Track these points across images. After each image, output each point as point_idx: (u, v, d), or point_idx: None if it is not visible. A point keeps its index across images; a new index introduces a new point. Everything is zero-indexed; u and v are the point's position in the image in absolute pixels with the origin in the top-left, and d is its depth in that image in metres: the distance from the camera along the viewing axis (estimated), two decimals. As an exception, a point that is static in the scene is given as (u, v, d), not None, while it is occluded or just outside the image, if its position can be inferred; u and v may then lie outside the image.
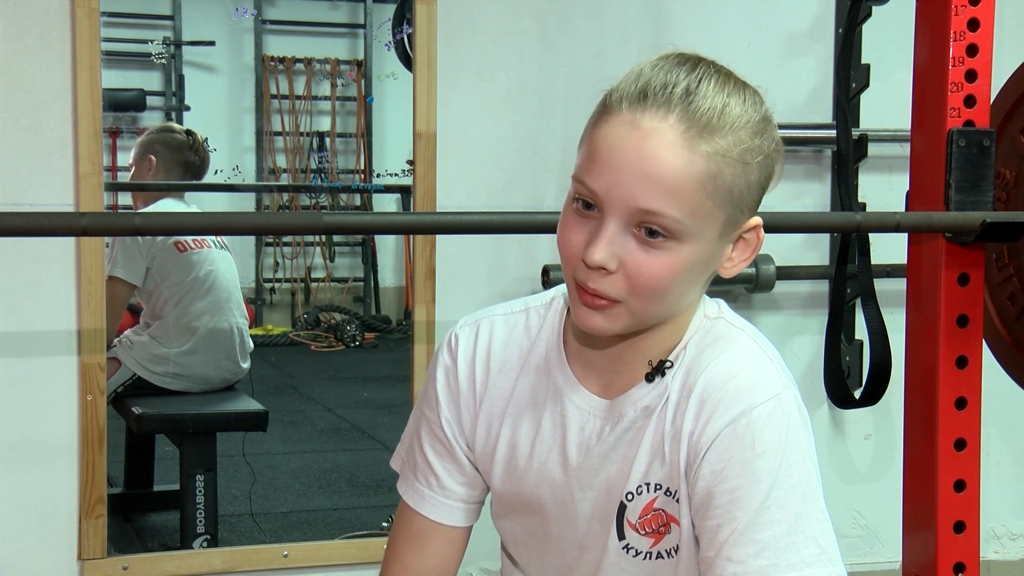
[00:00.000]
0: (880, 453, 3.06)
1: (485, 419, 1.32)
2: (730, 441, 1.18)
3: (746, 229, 1.22)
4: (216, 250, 3.53)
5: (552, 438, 1.29)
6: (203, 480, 3.08)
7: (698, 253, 1.17)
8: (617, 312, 1.18)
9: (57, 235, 2.35)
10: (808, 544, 1.17)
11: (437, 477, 1.35)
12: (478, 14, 2.72)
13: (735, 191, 1.17)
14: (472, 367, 1.33)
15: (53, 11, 2.44)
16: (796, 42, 2.91)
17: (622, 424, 1.26)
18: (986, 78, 2.07)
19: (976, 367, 2.12)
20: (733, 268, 1.23)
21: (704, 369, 1.22)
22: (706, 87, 1.16)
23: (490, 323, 1.35)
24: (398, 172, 6.74)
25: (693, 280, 1.20)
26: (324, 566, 2.71)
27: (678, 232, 1.15)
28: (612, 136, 1.16)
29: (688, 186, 1.13)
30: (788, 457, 1.18)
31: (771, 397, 1.20)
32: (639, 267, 1.15)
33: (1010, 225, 2.04)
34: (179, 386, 3.39)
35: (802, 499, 1.18)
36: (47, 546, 2.53)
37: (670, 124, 1.14)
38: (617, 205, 1.15)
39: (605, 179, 1.15)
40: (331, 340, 6.76)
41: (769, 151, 1.20)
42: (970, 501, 2.12)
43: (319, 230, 2.12)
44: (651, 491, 1.25)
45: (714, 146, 1.14)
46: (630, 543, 1.27)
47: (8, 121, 2.45)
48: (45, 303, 2.50)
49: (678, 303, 1.22)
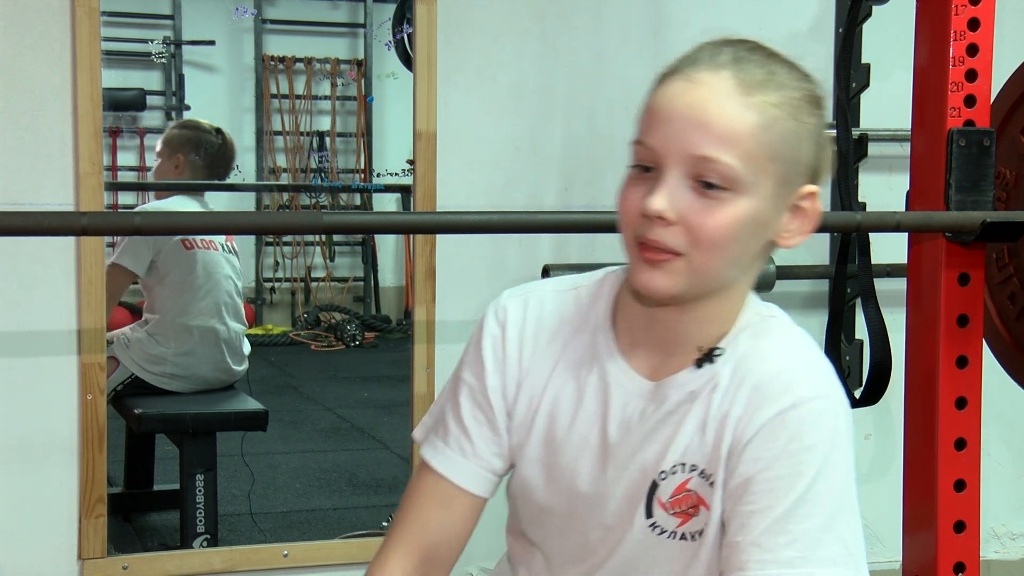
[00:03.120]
0: (880, 453, 3.06)
1: (528, 390, 1.33)
2: (779, 430, 1.20)
3: (802, 195, 1.23)
4: (223, 253, 3.52)
5: (594, 413, 1.30)
6: (203, 480, 3.08)
7: (754, 208, 1.19)
8: (677, 267, 1.19)
9: (57, 235, 2.35)
10: (837, 544, 1.19)
11: (472, 443, 1.35)
12: (478, 14, 2.72)
13: (788, 147, 1.19)
14: (520, 338, 1.34)
15: (53, 11, 2.44)
16: (796, 42, 2.90)
17: (665, 406, 1.27)
18: (986, 78, 2.07)
19: (976, 367, 2.12)
20: (791, 239, 1.25)
21: (758, 359, 1.24)
22: (754, 56, 1.22)
23: (540, 297, 1.36)
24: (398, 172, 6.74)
25: (751, 240, 1.21)
26: (324, 566, 2.72)
27: (734, 181, 1.17)
28: (666, 94, 1.20)
29: (742, 132, 1.17)
30: (832, 456, 1.20)
31: (823, 395, 1.22)
32: (699, 218, 1.17)
33: (1010, 225, 2.04)
34: (176, 386, 3.39)
35: (839, 499, 1.20)
36: (47, 546, 2.53)
37: (723, 77, 1.18)
38: (674, 156, 1.17)
39: (661, 132, 1.18)
40: (331, 340, 6.76)
41: (821, 126, 1.24)
42: (970, 501, 2.12)
43: (319, 230, 2.12)
44: (686, 471, 1.25)
45: (766, 97, 1.18)
46: (657, 521, 1.27)
47: (8, 121, 2.45)
48: (45, 303, 2.50)
49: (734, 266, 1.22)
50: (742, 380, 1.23)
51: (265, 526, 3.54)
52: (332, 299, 7.23)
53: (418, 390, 2.71)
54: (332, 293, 7.28)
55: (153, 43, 6.96)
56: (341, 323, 6.79)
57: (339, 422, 5.03)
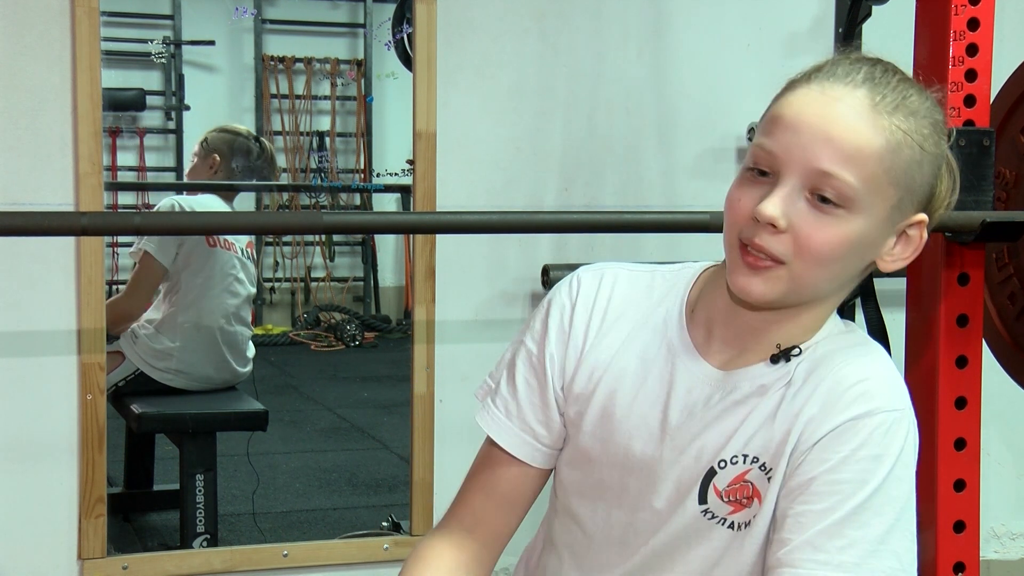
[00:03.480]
0: (880, 453, 3.06)
1: (590, 364, 1.33)
2: (850, 435, 1.20)
3: (911, 223, 1.23)
4: (241, 258, 3.55)
5: (656, 395, 1.30)
6: (203, 480, 3.08)
7: (865, 230, 1.19)
8: (777, 275, 1.19)
9: (57, 235, 2.35)
10: (891, 557, 1.19)
11: (520, 407, 1.36)
12: (478, 13, 2.72)
13: (909, 174, 1.19)
14: (589, 312, 1.34)
15: (53, 11, 2.44)
16: (796, 42, 2.91)
17: (733, 395, 1.27)
18: (986, 78, 2.07)
19: (976, 367, 2.12)
20: (893, 263, 1.25)
21: (837, 365, 1.24)
22: (890, 78, 1.21)
23: (614, 275, 1.36)
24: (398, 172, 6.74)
25: (855, 259, 1.21)
26: (324, 566, 2.71)
27: (850, 201, 1.16)
28: (798, 102, 1.19)
29: (868, 154, 1.16)
30: (898, 470, 1.20)
31: (897, 409, 1.22)
32: (810, 230, 1.17)
33: (1010, 225, 2.04)
34: (180, 383, 3.39)
35: (899, 513, 1.20)
36: (47, 546, 2.53)
37: (858, 96, 1.18)
38: (795, 166, 1.17)
39: (785, 139, 1.18)
40: (331, 340, 6.76)
41: (945, 153, 1.24)
42: (970, 501, 2.12)
43: (319, 230, 2.12)
44: (746, 463, 1.25)
45: (898, 122, 1.18)
46: (710, 507, 1.27)
47: (8, 121, 2.45)
48: (45, 303, 2.50)
49: (834, 281, 1.23)
50: (819, 381, 1.23)
51: (265, 526, 3.54)
52: (332, 299, 7.24)
53: (418, 390, 2.71)
54: (332, 293, 7.29)
55: (153, 43, 6.96)
56: (341, 323, 6.79)
57: (339, 422, 5.03)
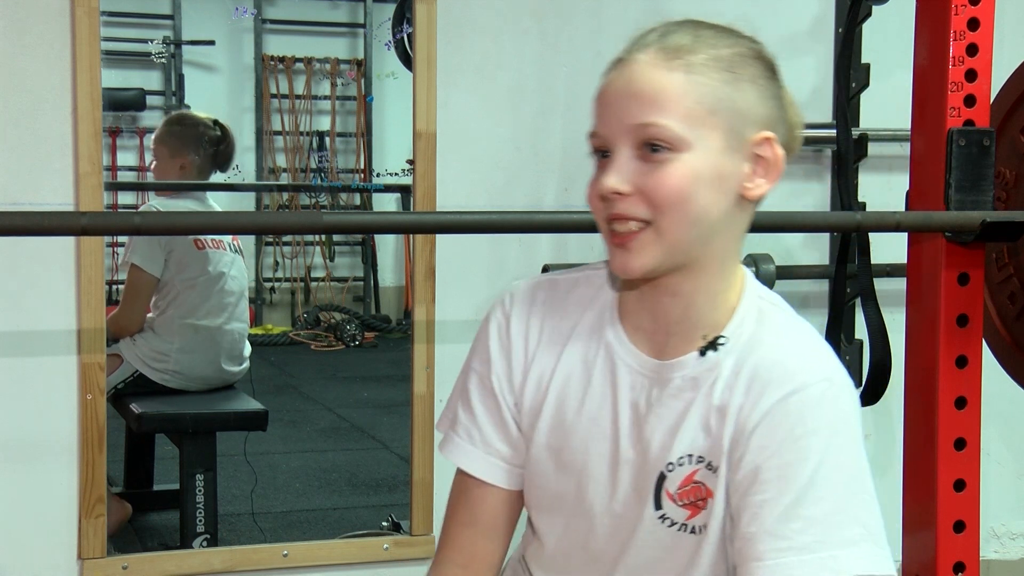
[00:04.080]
0: (880, 453, 3.06)
1: (536, 375, 1.34)
2: (781, 418, 1.20)
3: (756, 142, 1.24)
4: (231, 253, 3.54)
5: (603, 394, 1.31)
6: (203, 480, 3.08)
7: (705, 162, 1.20)
8: (646, 239, 1.21)
9: (57, 235, 2.35)
10: (853, 524, 1.19)
11: (480, 430, 1.37)
12: (478, 13, 2.72)
13: (726, 97, 1.21)
14: (526, 324, 1.36)
15: (53, 11, 2.44)
16: (796, 42, 2.91)
17: (668, 390, 1.27)
18: (986, 78, 2.07)
19: (976, 367, 2.12)
20: (757, 189, 1.25)
21: (758, 348, 1.25)
22: (680, 29, 1.25)
23: (546, 283, 1.38)
24: (398, 172, 6.74)
25: (713, 195, 1.22)
26: (324, 566, 2.71)
27: (676, 140, 1.20)
28: (605, 83, 1.26)
29: (672, 93, 1.20)
30: (837, 438, 1.20)
31: (824, 379, 1.23)
32: (653, 181, 1.20)
33: (1010, 225, 2.04)
34: (178, 384, 3.39)
35: (850, 480, 1.20)
36: (47, 546, 2.53)
37: (650, 51, 1.23)
38: (617, 134, 1.22)
39: (605, 116, 1.24)
40: (331, 340, 6.76)
41: (767, 77, 1.26)
42: (970, 501, 2.12)
43: (319, 230, 2.12)
44: (693, 463, 1.26)
45: (693, 58, 1.22)
46: (667, 513, 1.28)
47: (8, 121, 2.45)
48: (45, 303, 2.50)
49: (703, 225, 1.22)
50: (741, 369, 1.24)
51: (265, 526, 3.54)
52: (332, 299, 7.24)
53: (418, 390, 2.71)
54: (332, 293, 7.29)
55: (153, 43, 6.96)
56: (341, 323, 6.79)
57: (339, 422, 5.03)
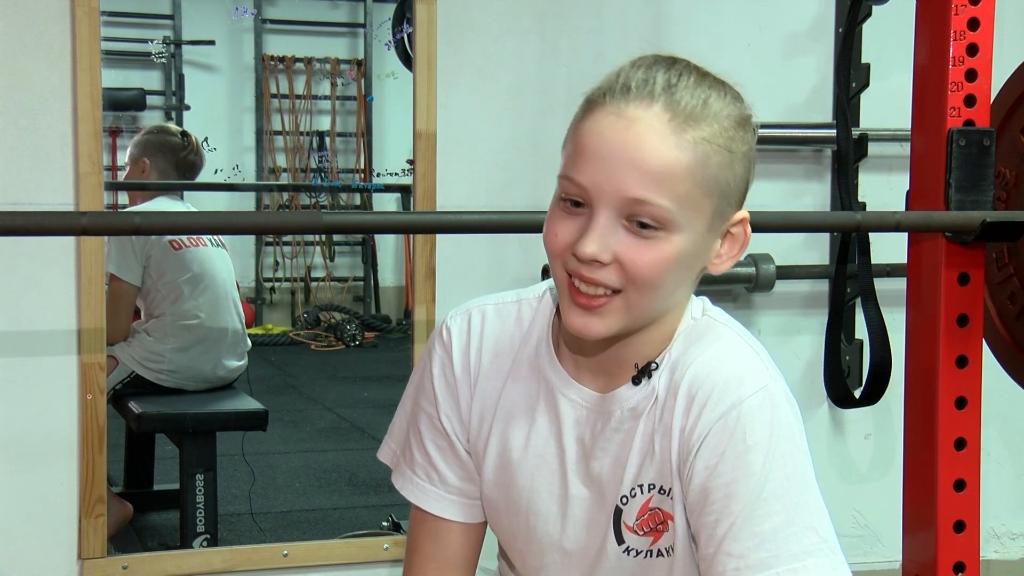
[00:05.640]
0: (880, 453, 3.06)
1: (478, 410, 1.31)
2: (721, 435, 1.18)
3: (733, 223, 1.22)
4: (212, 248, 3.52)
5: (548, 431, 1.28)
6: (203, 480, 3.08)
7: (689, 245, 1.17)
8: (613, 307, 1.17)
9: (57, 235, 2.35)
10: (807, 533, 1.17)
11: (438, 472, 1.34)
12: (478, 13, 2.72)
13: (722, 180, 1.17)
14: (466, 357, 1.32)
15: (53, 11, 2.44)
16: (796, 42, 2.91)
17: (611, 423, 1.25)
18: (986, 78, 2.07)
19: (976, 367, 2.12)
20: (722, 264, 1.23)
21: (690, 365, 1.22)
22: (686, 81, 1.17)
23: (481, 313, 1.33)
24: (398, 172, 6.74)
25: (685, 274, 1.20)
26: (324, 566, 2.71)
27: (668, 222, 1.14)
28: (597, 128, 1.17)
29: (677, 173, 1.14)
30: (779, 447, 1.18)
31: (759, 389, 1.20)
32: (633, 258, 1.15)
33: (1010, 225, 2.04)
34: (174, 383, 3.38)
35: (798, 489, 1.18)
36: (47, 546, 2.53)
37: (655, 112, 1.14)
38: (606, 197, 1.14)
39: (593, 171, 1.15)
40: (331, 339, 6.76)
41: (752, 146, 1.21)
42: (970, 501, 2.12)
43: (319, 230, 2.12)
44: (645, 492, 1.24)
45: (700, 133, 1.15)
46: (630, 545, 1.26)
47: (8, 121, 2.45)
48: (45, 303, 2.50)
49: (670, 298, 1.21)
50: (676, 390, 1.22)
51: (265, 526, 3.54)
52: (332, 299, 7.24)
53: (418, 390, 2.70)
54: (332, 293, 7.29)
55: (153, 43, 6.96)
56: (341, 323, 6.79)
57: (339, 422, 5.03)
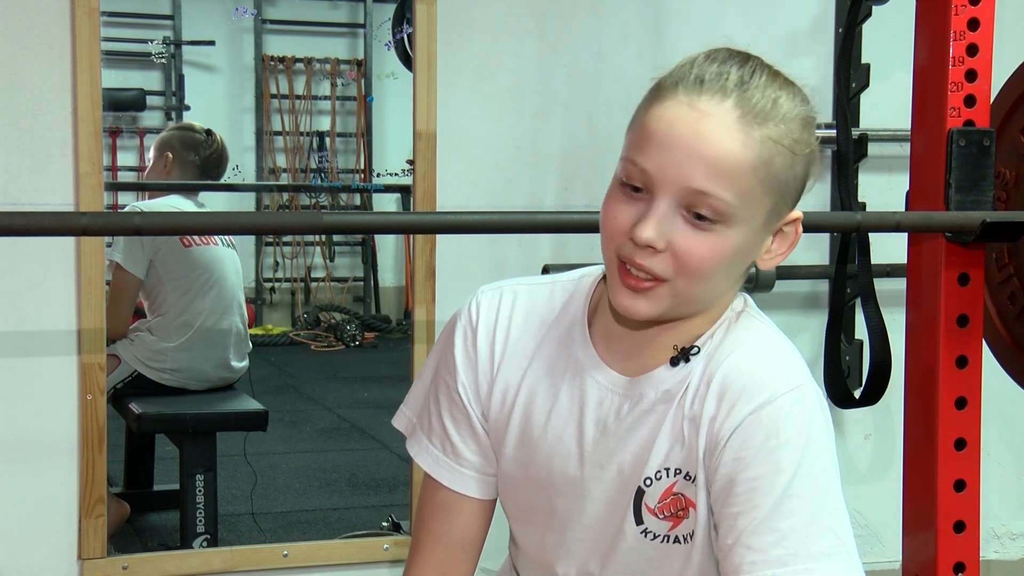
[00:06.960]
0: (880, 453, 3.06)
1: (501, 387, 1.32)
2: (754, 429, 1.19)
3: (787, 221, 1.23)
4: (223, 248, 3.51)
5: (569, 411, 1.29)
6: (203, 480, 3.08)
7: (743, 240, 1.18)
8: (660, 293, 1.18)
9: (57, 235, 2.35)
10: (827, 535, 1.18)
11: (452, 444, 1.35)
12: (478, 14, 2.72)
13: (782, 180, 1.18)
14: (492, 334, 1.33)
15: (53, 11, 2.44)
16: (796, 42, 2.91)
17: (642, 405, 1.26)
18: (986, 78, 2.07)
19: (976, 367, 2.12)
20: (771, 260, 1.25)
21: (727, 357, 1.23)
22: (758, 79, 1.18)
23: (513, 292, 1.35)
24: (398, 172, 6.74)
25: (734, 268, 1.22)
26: (324, 566, 2.71)
27: (727, 216, 1.16)
28: (667, 117, 1.17)
29: (741, 169, 1.15)
30: (810, 448, 1.20)
31: (794, 388, 1.21)
32: (688, 248, 1.16)
33: (1010, 225, 2.04)
34: (177, 382, 3.38)
35: (823, 490, 1.19)
36: (47, 546, 2.53)
37: (726, 108, 1.16)
38: (669, 185, 1.16)
39: (658, 158, 1.16)
40: (331, 340, 6.77)
41: (814, 147, 1.22)
42: (970, 501, 2.12)
43: (319, 230, 2.12)
44: (670, 476, 1.25)
45: (768, 132, 1.16)
46: (648, 527, 1.27)
47: (8, 121, 2.45)
48: (45, 303, 2.50)
49: (717, 290, 1.23)
50: (711, 379, 1.23)
51: (265, 526, 3.55)
52: (332, 299, 7.24)
53: (418, 390, 2.70)
54: (332, 293, 7.29)
55: (153, 43, 6.96)
56: (341, 323, 6.79)
57: (339, 422, 5.03)
